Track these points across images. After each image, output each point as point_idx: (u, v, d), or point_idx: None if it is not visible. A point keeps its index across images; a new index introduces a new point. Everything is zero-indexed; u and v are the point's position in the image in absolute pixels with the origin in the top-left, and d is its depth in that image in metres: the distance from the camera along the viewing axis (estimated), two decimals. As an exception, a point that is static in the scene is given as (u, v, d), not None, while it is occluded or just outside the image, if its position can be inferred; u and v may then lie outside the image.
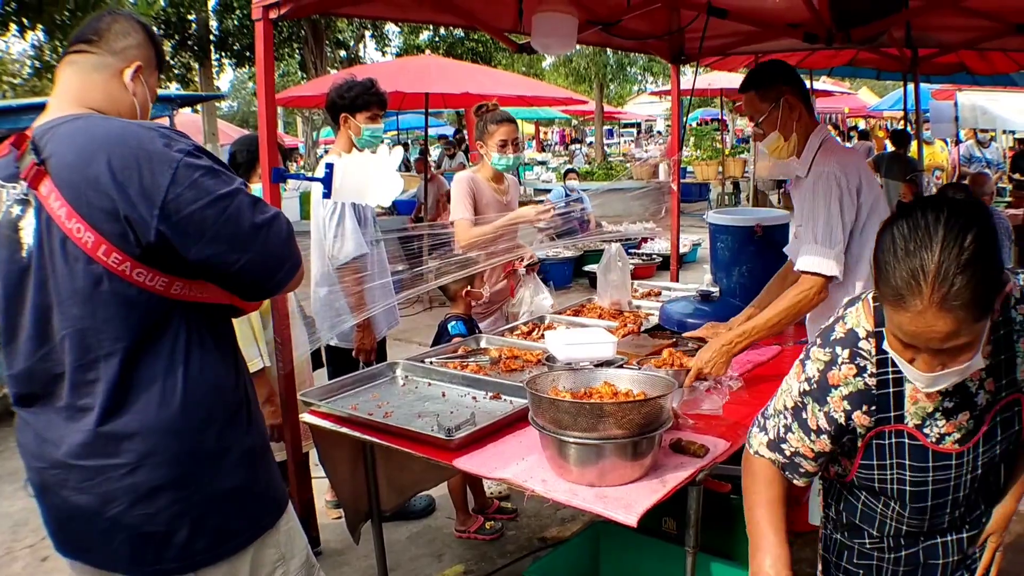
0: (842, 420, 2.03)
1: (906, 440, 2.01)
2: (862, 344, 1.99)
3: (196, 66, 20.90)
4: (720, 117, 22.85)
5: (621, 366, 3.49)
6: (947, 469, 2.02)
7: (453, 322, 4.48)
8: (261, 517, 2.34)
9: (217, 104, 25.84)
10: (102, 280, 2.01)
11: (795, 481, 2.23)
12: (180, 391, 2.11)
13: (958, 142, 14.74)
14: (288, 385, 3.55)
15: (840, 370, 2.01)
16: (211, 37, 20.70)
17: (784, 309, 3.46)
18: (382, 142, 4.81)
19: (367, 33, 27.06)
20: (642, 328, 4.52)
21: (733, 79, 15.80)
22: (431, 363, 3.92)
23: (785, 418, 2.16)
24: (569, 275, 12.71)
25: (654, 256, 13.02)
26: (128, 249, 1.99)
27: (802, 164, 3.62)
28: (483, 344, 4.29)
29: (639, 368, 3.48)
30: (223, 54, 21.72)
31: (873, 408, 2.00)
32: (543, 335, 4.33)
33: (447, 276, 4.37)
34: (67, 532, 2.20)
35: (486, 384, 3.63)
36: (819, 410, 2.05)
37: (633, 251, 13.14)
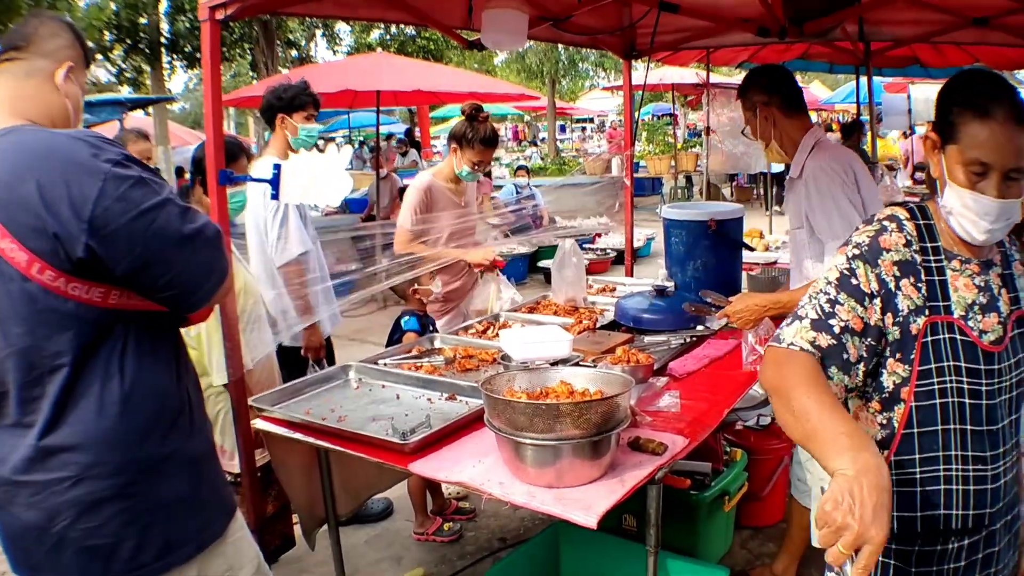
0: (891, 286, 2.04)
1: (958, 336, 2.04)
2: (906, 224, 2.12)
3: (147, 69, 20.67)
4: (672, 112, 22.94)
5: (577, 364, 3.46)
6: (992, 375, 2.06)
7: (406, 317, 4.44)
8: (209, 524, 2.31)
9: (169, 106, 25.56)
10: (38, 298, 1.98)
11: (833, 379, 2.05)
12: (118, 400, 2.08)
13: (911, 134, 14.92)
14: (239, 391, 3.47)
15: (891, 236, 2.09)
16: (162, 40, 20.48)
17: None
18: (316, 143, 4.78)
19: (318, 32, 26.89)
20: (597, 324, 4.49)
21: (684, 74, 15.87)
22: (385, 365, 3.87)
23: (828, 294, 2.08)
24: (523, 271, 12.72)
25: (608, 251, 13.06)
26: (60, 265, 1.96)
27: (796, 167, 3.66)
28: (437, 344, 4.24)
29: (595, 365, 3.45)
30: (174, 57, 21.49)
31: (920, 286, 2.05)
32: (498, 334, 4.29)
33: (397, 277, 4.32)
34: (20, 550, 2.16)
35: (441, 385, 3.58)
36: (871, 271, 2.06)
37: (587, 246, 13.18)
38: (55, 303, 1.99)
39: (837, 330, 2.03)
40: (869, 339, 2.05)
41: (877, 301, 2.04)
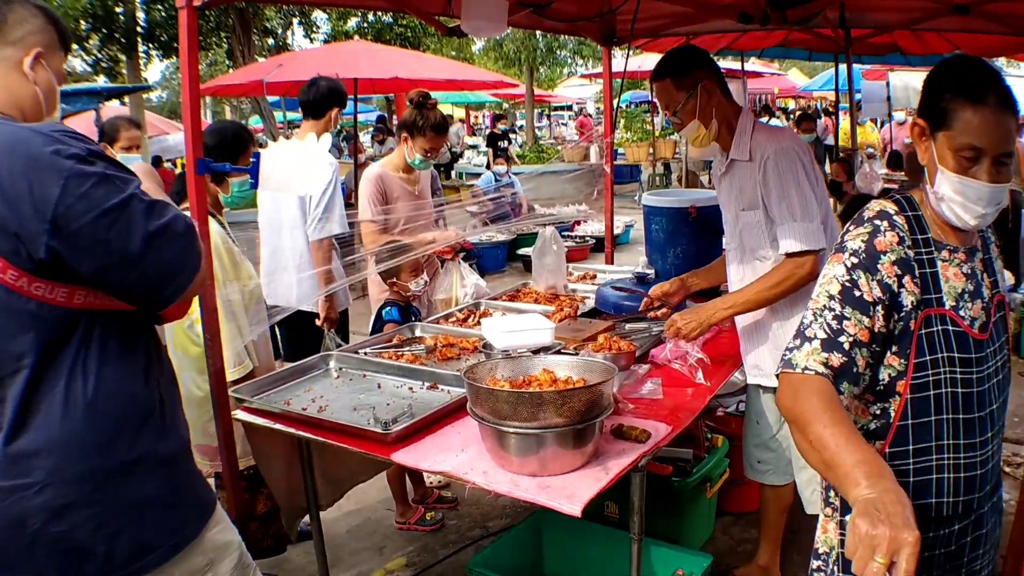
0: (895, 287, 2.04)
1: (950, 327, 2.06)
2: (896, 219, 2.11)
3: (123, 58, 20.48)
4: (650, 99, 22.94)
5: (559, 351, 3.45)
6: (982, 362, 2.09)
7: (388, 307, 4.41)
8: (182, 527, 2.26)
9: (145, 96, 25.35)
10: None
11: (844, 393, 2.03)
12: (83, 403, 2.03)
13: (890, 120, 14.98)
14: (219, 383, 3.44)
15: (885, 236, 2.08)
16: (138, 29, 20.27)
17: (773, 285, 3.41)
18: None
19: (295, 20, 26.70)
20: (578, 312, 4.49)
21: (664, 61, 15.85)
22: (366, 354, 3.85)
23: (832, 310, 2.05)
24: (503, 259, 12.70)
25: (587, 238, 13.05)
26: (23, 265, 1.91)
27: (739, 148, 3.54)
28: (418, 332, 4.22)
29: (576, 353, 3.44)
30: (150, 46, 21.27)
31: (916, 280, 2.05)
32: (479, 322, 4.28)
33: (380, 265, 4.29)
34: None
35: (422, 374, 3.57)
36: (872, 279, 2.04)
37: (567, 234, 13.18)
38: (17, 303, 1.94)
39: (847, 346, 2.01)
40: (875, 346, 2.05)
41: (880, 308, 2.03)
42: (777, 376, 2.08)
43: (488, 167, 17.01)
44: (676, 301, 4.01)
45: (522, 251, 12.22)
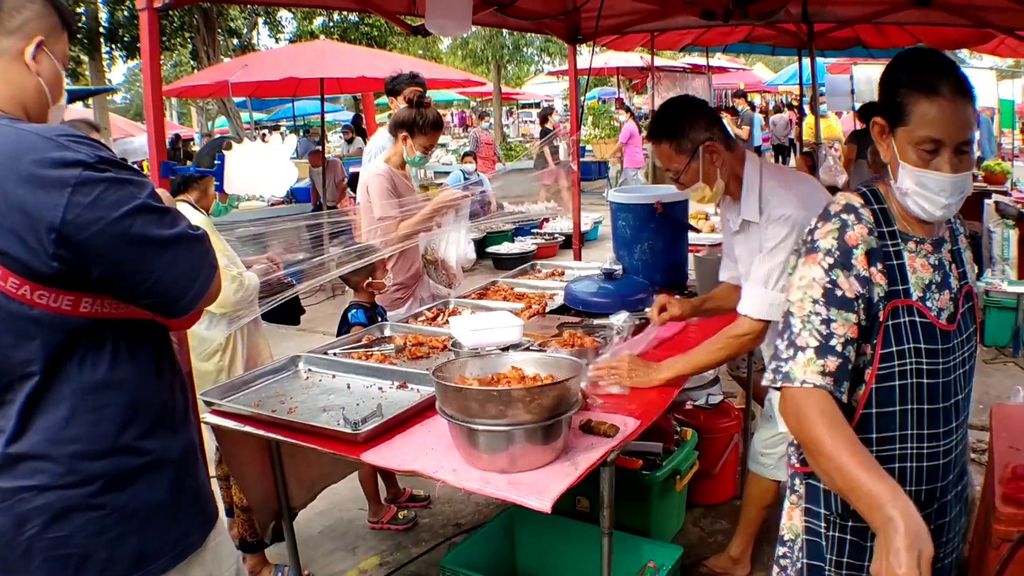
0: (871, 279, 2.06)
1: (916, 318, 2.08)
2: (862, 212, 2.12)
3: (86, 59, 20.27)
4: (617, 96, 23.00)
5: (528, 348, 3.47)
6: (948, 353, 2.12)
7: (353, 310, 4.41)
8: (186, 535, 2.20)
9: (109, 97, 25.14)
10: (0, 305, 1.87)
11: (844, 392, 2.05)
12: (89, 408, 1.98)
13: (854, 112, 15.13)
14: (189, 386, 3.43)
15: (854, 230, 2.09)
16: (100, 30, 20.08)
17: (718, 350, 3.34)
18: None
19: (260, 20, 26.58)
20: (547, 308, 4.50)
21: (630, 58, 15.96)
22: (334, 355, 3.85)
23: (819, 315, 2.05)
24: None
25: (556, 235, 13.09)
26: (25, 274, 1.84)
27: (748, 208, 3.39)
28: (387, 332, 4.23)
29: (543, 349, 3.45)
30: (113, 47, 21.07)
31: (884, 271, 2.07)
32: (448, 320, 4.29)
33: (347, 265, 4.29)
34: None
35: (392, 373, 3.56)
36: (849, 276, 2.05)
37: (535, 231, 13.21)
38: (20, 310, 1.87)
39: (839, 348, 2.02)
40: (861, 339, 2.07)
41: (861, 302, 2.05)
42: (777, 388, 2.10)
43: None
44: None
45: (491, 249, 12.30)
